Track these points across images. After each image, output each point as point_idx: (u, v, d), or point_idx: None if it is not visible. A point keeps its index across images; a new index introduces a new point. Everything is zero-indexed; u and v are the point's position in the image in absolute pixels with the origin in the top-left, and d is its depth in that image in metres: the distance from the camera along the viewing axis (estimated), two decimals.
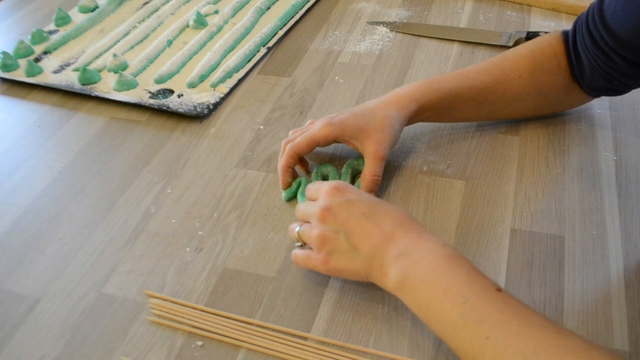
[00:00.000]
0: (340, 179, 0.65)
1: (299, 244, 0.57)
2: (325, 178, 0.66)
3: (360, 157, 0.67)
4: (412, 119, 0.67)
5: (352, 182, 0.66)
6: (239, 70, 0.85)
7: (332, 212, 0.53)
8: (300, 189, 0.64)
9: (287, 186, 0.65)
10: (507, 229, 0.61)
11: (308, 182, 0.65)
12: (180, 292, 0.57)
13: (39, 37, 0.93)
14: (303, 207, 0.57)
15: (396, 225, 0.52)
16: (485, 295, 0.46)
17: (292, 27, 0.95)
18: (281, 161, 0.65)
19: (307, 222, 0.56)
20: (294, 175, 0.66)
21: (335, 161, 0.70)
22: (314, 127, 0.65)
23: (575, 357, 0.41)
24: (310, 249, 0.55)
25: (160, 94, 0.81)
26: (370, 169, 0.63)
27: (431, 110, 0.67)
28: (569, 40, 0.68)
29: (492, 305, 0.45)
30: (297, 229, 0.56)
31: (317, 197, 0.56)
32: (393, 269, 0.50)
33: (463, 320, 0.45)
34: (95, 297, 0.57)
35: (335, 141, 0.65)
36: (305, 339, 0.53)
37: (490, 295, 0.46)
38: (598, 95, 0.71)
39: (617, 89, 0.67)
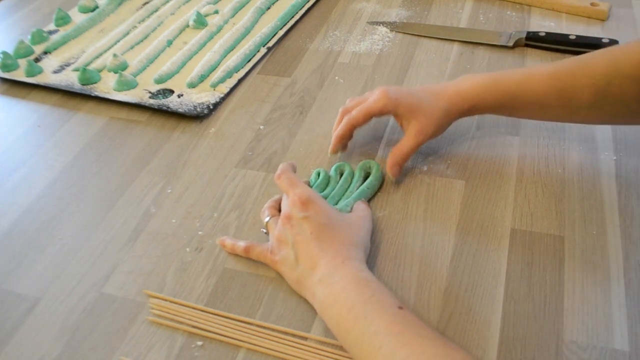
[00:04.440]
0: (354, 177, 0.66)
1: (264, 230, 0.61)
2: (341, 174, 0.67)
3: (371, 160, 0.68)
4: (464, 114, 0.67)
5: (363, 181, 0.66)
6: (239, 70, 0.85)
7: (291, 223, 0.56)
8: (316, 182, 0.65)
9: (336, 152, 0.70)
10: (507, 229, 0.61)
11: (326, 173, 0.66)
12: (180, 292, 0.57)
13: (39, 37, 0.93)
14: (283, 199, 0.61)
15: (330, 250, 0.54)
16: (385, 312, 0.48)
17: (292, 27, 0.95)
18: (337, 130, 0.68)
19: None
20: (345, 144, 0.70)
21: (350, 160, 0.70)
22: (370, 99, 0.66)
23: None
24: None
25: (160, 94, 0.81)
26: (405, 144, 0.66)
27: (487, 108, 0.67)
28: None
29: (389, 320, 0.47)
30: (267, 218, 0.60)
31: (287, 194, 0.58)
32: (317, 292, 0.52)
33: (362, 334, 0.47)
34: (95, 297, 0.57)
35: (388, 114, 0.67)
36: (305, 339, 0.53)
37: (389, 311, 0.48)
38: None
39: None
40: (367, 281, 0.51)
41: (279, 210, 0.61)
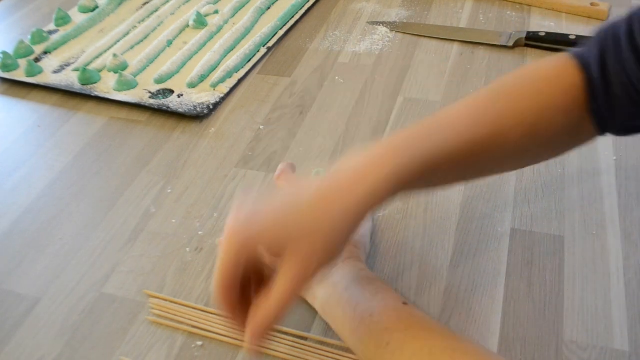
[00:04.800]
0: None
1: None
2: None
3: None
4: (380, 205, 0.45)
5: None
6: (239, 70, 0.85)
7: None
8: None
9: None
10: (507, 229, 0.61)
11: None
12: (180, 292, 0.57)
13: (39, 37, 0.93)
14: None
15: None
16: (390, 308, 0.48)
17: (292, 27, 0.95)
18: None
19: None
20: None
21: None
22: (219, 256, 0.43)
23: (472, 358, 0.43)
24: None
25: (160, 94, 0.81)
26: (272, 302, 0.41)
27: (403, 190, 0.46)
28: (590, 68, 0.49)
29: (395, 316, 0.47)
30: None
31: None
32: (319, 293, 0.52)
33: (369, 332, 0.47)
34: (95, 297, 0.57)
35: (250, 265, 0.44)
36: (305, 339, 0.52)
37: (395, 307, 0.48)
38: (626, 135, 0.53)
39: None
40: (370, 279, 0.51)
41: None
